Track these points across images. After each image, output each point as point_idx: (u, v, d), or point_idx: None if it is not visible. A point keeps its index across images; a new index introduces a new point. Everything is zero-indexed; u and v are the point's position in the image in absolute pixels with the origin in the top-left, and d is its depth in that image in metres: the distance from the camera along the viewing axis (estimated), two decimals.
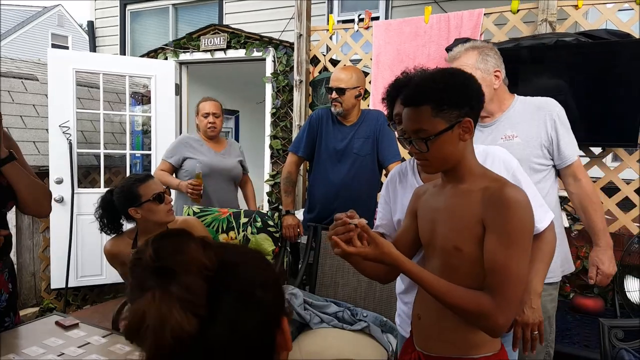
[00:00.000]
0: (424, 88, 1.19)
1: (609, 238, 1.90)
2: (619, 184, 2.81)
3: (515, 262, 1.10)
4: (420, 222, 1.34)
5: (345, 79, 2.62)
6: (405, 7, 4.79)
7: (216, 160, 3.12)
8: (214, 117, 3.14)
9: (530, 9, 2.99)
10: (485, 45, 1.87)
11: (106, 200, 2.14)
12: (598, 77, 2.65)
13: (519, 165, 1.45)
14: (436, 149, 1.18)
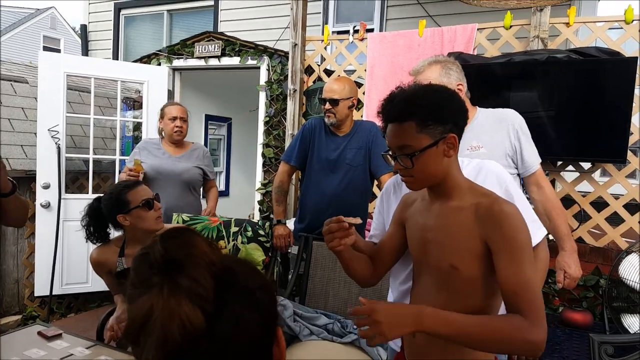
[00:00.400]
0: (409, 104, 1.19)
1: (574, 242, 1.95)
2: (608, 199, 2.84)
3: (533, 276, 1.09)
4: (411, 240, 1.34)
5: (339, 90, 2.63)
6: (399, 20, 4.82)
7: (165, 164, 3.08)
8: (181, 122, 3.12)
9: (523, 25, 3.03)
10: (448, 60, 1.91)
11: (93, 208, 2.11)
12: (588, 93, 2.69)
13: (512, 180, 1.46)
14: (421, 165, 1.17)
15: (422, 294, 1.28)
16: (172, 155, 3.13)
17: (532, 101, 2.77)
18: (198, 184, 3.21)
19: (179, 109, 3.13)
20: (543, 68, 2.73)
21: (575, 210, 2.92)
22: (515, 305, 1.08)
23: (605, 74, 2.64)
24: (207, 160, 3.26)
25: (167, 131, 3.13)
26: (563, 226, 1.93)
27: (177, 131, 3.10)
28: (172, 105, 3.16)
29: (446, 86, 1.26)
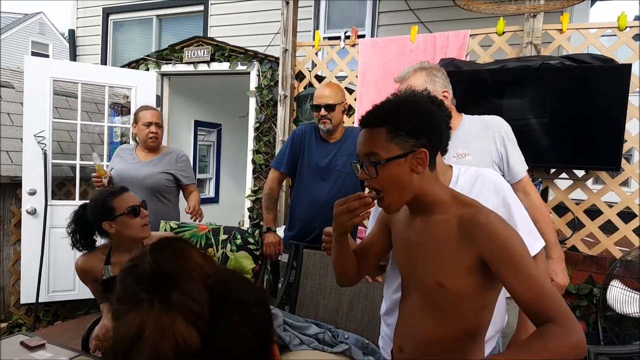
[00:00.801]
0: (383, 110, 1.14)
1: (561, 250, 1.93)
2: (602, 207, 2.82)
3: (542, 276, 1.04)
4: (396, 254, 1.29)
5: (332, 95, 2.60)
6: (391, 27, 4.81)
7: (130, 169, 2.95)
8: (156, 127, 2.98)
9: (516, 32, 3.02)
10: (433, 67, 1.89)
11: (79, 215, 2.06)
12: (581, 100, 2.68)
13: (509, 189, 1.42)
14: (386, 176, 1.11)
15: (409, 310, 1.23)
16: (141, 161, 3.01)
17: (525, 108, 2.76)
18: (165, 190, 3.01)
19: (153, 114, 2.98)
20: (536, 74, 2.72)
21: (569, 218, 2.90)
22: (539, 313, 1.02)
23: (599, 81, 2.63)
24: (181, 165, 3.08)
25: (141, 137, 2.99)
26: (550, 234, 1.89)
27: (151, 137, 2.96)
28: (147, 110, 3.00)
29: (430, 99, 1.21)
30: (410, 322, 1.22)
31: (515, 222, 1.35)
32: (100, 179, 2.77)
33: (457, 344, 1.14)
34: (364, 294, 2.49)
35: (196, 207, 2.96)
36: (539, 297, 1.01)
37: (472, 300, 1.11)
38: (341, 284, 1.41)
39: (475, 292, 1.10)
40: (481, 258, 1.07)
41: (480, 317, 1.14)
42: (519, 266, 1.03)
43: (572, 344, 0.97)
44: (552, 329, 0.98)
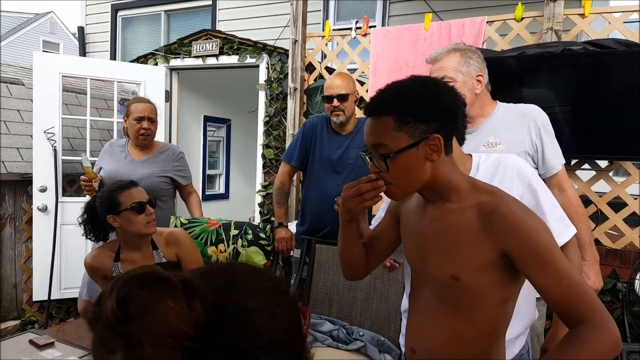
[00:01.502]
0: (388, 97, 1.04)
1: (595, 252, 1.82)
2: (626, 199, 2.72)
3: (572, 270, 0.96)
4: (406, 247, 1.20)
5: (344, 85, 2.53)
6: (402, 17, 4.72)
7: (123, 169, 2.66)
8: (149, 123, 2.69)
9: (535, 17, 2.91)
10: (469, 48, 1.80)
11: (90, 206, 2.05)
12: (605, 87, 2.57)
13: (535, 174, 1.34)
14: (398, 168, 1.02)
15: (421, 308, 1.14)
16: (134, 160, 2.73)
17: (547, 96, 2.65)
18: (162, 193, 2.70)
19: (146, 107, 2.69)
20: (558, 61, 2.61)
21: (592, 210, 2.79)
22: (570, 312, 0.94)
23: (624, 67, 2.51)
24: (178, 164, 2.82)
25: (131, 133, 2.70)
26: (585, 234, 1.79)
27: (143, 134, 2.68)
28: (139, 103, 2.72)
29: (440, 80, 1.11)
30: (422, 321, 1.13)
31: (543, 209, 1.27)
32: (91, 183, 2.55)
33: (474, 344, 1.05)
34: (378, 290, 2.42)
35: None
36: (569, 295, 0.93)
37: (491, 295, 1.02)
38: (347, 277, 1.33)
39: (494, 287, 1.02)
40: (503, 252, 0.98)
41: (499, 314, 1.05)
42: (546, 261, 0.95)
43: (609, 344, 0.90)
44: (585, 332, 0.91)
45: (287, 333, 0.58)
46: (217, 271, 0.62)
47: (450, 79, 1.73)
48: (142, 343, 0.50)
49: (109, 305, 0.52)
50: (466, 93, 1.74)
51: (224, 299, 0.56)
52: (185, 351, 0.51)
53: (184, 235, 2.19)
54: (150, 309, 0.51)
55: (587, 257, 1.80)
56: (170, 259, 2.09)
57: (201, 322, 0.52)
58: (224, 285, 0.58)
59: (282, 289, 0.62)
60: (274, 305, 0.58)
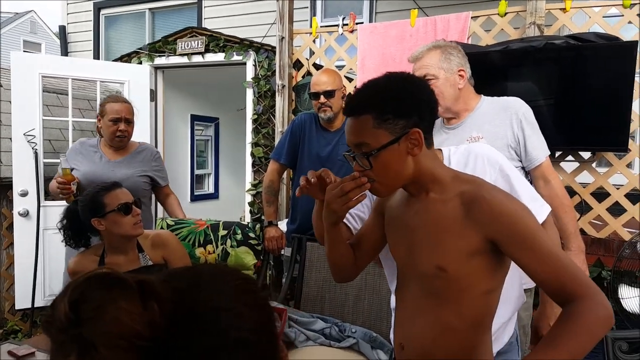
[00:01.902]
0: (365, 96, 1.06)
1: (581, 242, 1.84)
2: (609, 189, 2.76)
3: (557, 250, 0.98)
4: (392, 243, 1.20)
5: (330, 81, 2.53)
6: (389, 13, 4.71)
7: (101, 171, 2.53)
8: (126, 124, 2.55)
9: (518, 12, 2.94)
10: (449, 45, 1.82)
11: (71, 211, 2.00)
12: (587, 80, 2.61)
13: (504, 158, 1.35)
14: (380, 166, 1.03)
15: (408, 302, 1.15)
16: (110, 160, 2.60)
17: (530, 89, 2.68)
18: (143, 194, 2.58)
19: (123, 107, 2.54)
20: (541, 55, 2.64)
21: (576, 201, 2.83)
22: (560, 290, 0.96)
23: (605, 60, 2.55)
24: (156, 164, 2.72)
25: (106, 134, 2.55)
26: (571, 224, 1.81)
27: (120, 136, 2.54)
28: (115, 102, 2.55)
29: (412, 74, 1.12)
30: (409, 316, 1.14)
31: (516, 191, 1.28)
32: (69, 186, 2.39)
33: (461, 336, 1.06)
34: (370, 286, 2.42)
35: None
36: (557, 275, 0.96)
37: (476, 286, 1.03)
38: (337, 279, 1.33)
39: (479, 277, 1.03)
40: (488, 239, 1.00)
41: (485, 304, 1.06)
42: (532, 244, 0.97)
43: (603, 317, 0.93)
44: (578, 308, 0.93)
45: (255, 332, 0.57)
46: (182, 273, 0.62)
47: (433, 76, 1.75)
48: (95, 345, 0.49)
49: (61, 308, 0.51)
50: (449, 89, 1.77)
51: (187, 299, 0.56)
52: (141, 352, 0.50)
53: (170, 237, 2.16)
54: (103, 311, 0.51)
55: (573, 247, 1.83)
56: (157, 262, 2.05)
57: (157, 322, 0.52)
58: (187, 286, 0.58)
59: (251, 289, 0.61)
60: (241, 305, 0.58)
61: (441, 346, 1.07)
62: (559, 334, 0.93)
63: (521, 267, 0.99)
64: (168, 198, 2.78)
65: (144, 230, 2.02)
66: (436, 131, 1.69)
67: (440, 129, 1.88)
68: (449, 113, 1.83)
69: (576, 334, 0.92)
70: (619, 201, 2.74)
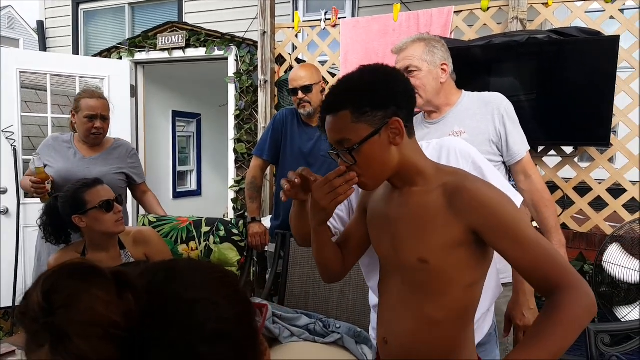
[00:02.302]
0: (340, 91, 1.05)
1: (562, 236, 1.85)
2: (591, 184, 2.79)
3: (539, 238, 0.97)
4: (373, 236, 1.19)
5: (308, 76, 2.50)
6: (372, 8, 4.70)
7: (76, 168, 2.45)
8: (102, 121, 2.47)
9: (501, 7, 2.95)
10: (433, 38, 1.82)
11: (51, 207, 1.98)
12: (569, 75, 2.63)
13: (476, 152, 1.35)
14: (364, 159, 1.02)
15: (390, 295, 1.14)
16: (85, 157, 2.51)
17: (513, 84, 2.69)
18: (119, 192, 2.41)
19: (99, 104, 2.45)
20: (523, 50, 2.65)
21: (559, 196, 2.85)
22: (544, 280, 0.96)
23: (587, 54, 2.58)
24: (132, 161, 2.64)
25: (81, 131, 2.48)
26: (551, 219, 1.82)
27: (95, 133, 2.47)
28: (91, 99, 2.45)
29: (386, 65, 1.10)
30: (392, 310, 1.13)
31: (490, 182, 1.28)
32: (44, 185, 2.31)
33: (444, 329, 1.05)
34: (354, 281, 2.41)
35: None
36: (540, 263, 0.95)
37: (459, 278, 1.02)
38: (326, 279, 1.30)
39: (462, 269, 1.02)
40: (471, 229, 0.99)
41: (468, 297, 1.05)
42: (514, 233, 0.96)
43: (586, 305, 0.92)
44: (562, 297, 0.93)
45: (234, 325, 0.57)
46: (159, 266, 0.61)
47: (416, 68, 1.74)
48: (68, 334, 0.48)
49: (34, 298, 0.50)
50: (431, 82, 1.76)
51: (163, 290, 0.55)
52: (117, 342, 0.49)
53: (152, 234, 2.13)
54: (76, 299, 0.50)
55: (554, 241, 1.82)
56: (139, 259, 2.03)
57: (133, 312, 0.51)
58: (164, 278, 0.58)
59: (229, 281, 0.61)
60: (219, 297, 0.57)
61: (424, 340, 1.06)
62: (545, 327, 0.92)
63: (504, 257, 0.99)
64: (145, 195, 2.72)
65: (125, 227, 1.99)
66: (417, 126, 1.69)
67: (421, 124, 1.87)
68: (430, 106, 1.83)
69: (562, 326, 0.91)
70: (601, 195, 2.77)
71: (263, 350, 0.63)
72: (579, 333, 0.94)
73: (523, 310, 1.47)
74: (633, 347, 1.69)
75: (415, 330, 1.06)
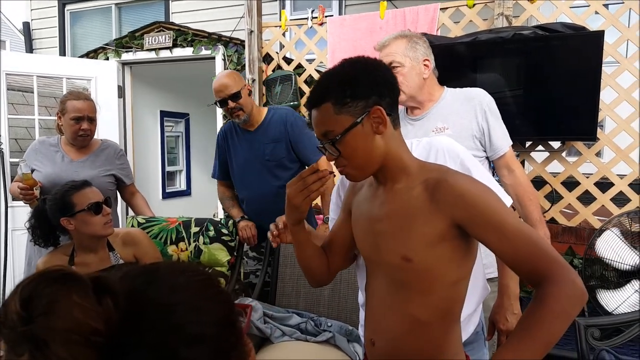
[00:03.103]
0: (322, 85, 1.06)
1: (546, 229, 1.86)
2: (579, 178, 2.81)
3: (524, 227, 0.97)
4: (357, 235, 1.18)
5: (232, 83, 2.39)
6: (359, 6, 4.70)
7: (64, 172, 2.41)
8: (88, 123, 2.43)
9: (486, 3, 2.96)
10: (414, 35, 1.83)
11: (39, 210, 1.95)
12: (555, 70, 2.64)
13: (464, 151, 1.35)
14: (349, 149, 1.03)
15: (376, 295, 1.13)
16: (73, 160, 2.49)
17: (499, 80, 2.70)
18: (108, 194, 2.35)
19: (85, 105, 2.42)
20: (509, 46, 2.66)
21: (547, 190, 2.87)
22: (531, 271, 0.95)
23: (572, 50, 2.59)
24: (120, 163, 2.62)
25: (68, 133, 2.45)
26: (535, 212, 1.83)
27: (82, 135, 2.44)
28: (77, 100, 2.42)
29: (366, 57, 1.10)
30: (377, 311, 1.12)
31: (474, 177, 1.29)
32: (32, 191, 2.29)
33: (429, 329, 1.04)
34: (345, 279, 2.41)
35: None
36: (526, 253, 0.94)
37: (443, 276, 1.02)
38: (313, 284, 1.29)
39: (446, 266, 1.01)
40: (455, 223, 0.98)
41: (453, 296, 1.05)
42: (498, 223, 0.95)
43: (574, 295, 0.91)
44: (549, 288, 0.91)
45: (216, 327, 0.57)
46: (140, 270, 0.61)
47: (398, 64, 1.75)
48: (47, 342, 0.48)
49: (12, 307, 0.49)
50: (414, 77, 1.77)
51: (142, 295, 0.55)
52: (97, 348, 0.49)
53: (141, 235, 2.12)
54: (55, 306, 0.49)
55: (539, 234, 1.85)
56: (128, 260, 2.02)
57: (113, 318, 0.51)
58: (143, 282, 0.57)
59: (211, 283, 0.61)
60: (200, 300, 0.57)
61: (410, 340, 1.05)
62: (532, 322, 0.92)
63: (490, 248, 0.98)
64: (134, 197, 2.69)
65: (114, 230, 1.98)
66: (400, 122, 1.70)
67: (404, 120, 1.87)
68: (413, 102, 1.83)
69: (549, 320, 0.90)
70: (589, 190, 2.78)
71: (247, 351, 0.63)
72: (567, 325, 0.93)
73: (507, 315, 1.47)
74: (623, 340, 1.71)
75: (400, 331, 1.06)
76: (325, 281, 1.29)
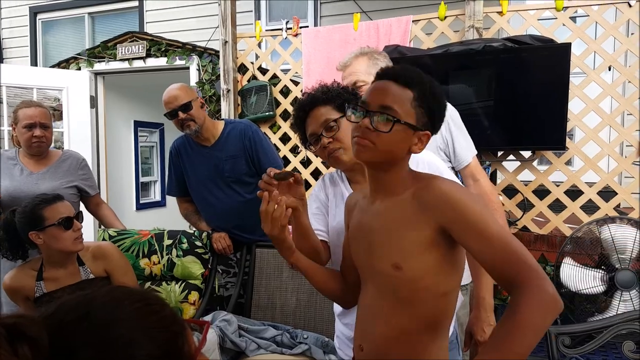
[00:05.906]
0: (418, 74, 1.08)
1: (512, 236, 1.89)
2: (550, 187, 2.86)
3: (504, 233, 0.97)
4: (353, 245, 1.19)
5: (182, 94, 2.34)
6: (334, 17, 4.74)
7: (24, 185, 2.36)
8: (42, 129, 2.36)
9: (457, 16, 3.01)
10: (375, 51, 1.84)
11: (7, 222, 1.89)
12: (525, 81, 2.70)
13: (444, 164, 1.39)
14: (392, 137, 1.03)
15: (366, 303, 1.14)
16: (33, 173, 2.41)
17: (471, 92, 2.75)
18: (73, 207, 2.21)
19: (37, 112, 2.35)
20: (480, 58, 2.72)
21: (519, 199, 2.92)
22: (506, 276, 0.94)
23: (540, 61, 2.66)
24: (83, 173, 2.54)
25: (22, 142, 2.38)
26: (500, 220, 1.86)
27: (36, 142, 2.36)
28: (29, 108, 2.37)
29: None
30: (368, 317, 1.13)
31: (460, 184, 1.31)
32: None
33: (416, 339, 1.05)
34: None
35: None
36: (500, 257, 0.94)
37: (432, 285, 1.03)
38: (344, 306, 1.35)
39: (434, 275, 1.02)
40: (441, 227, 1.00)
41: (441, 307, 1.05)
42: (479, 226, 0.96)
43: (546, 302, 0.89)
44: (521, 296, 0.90)
45: (158, 357, 0.55)
46: (73, 303, 0.58)
47: (363, 82, 1.74)
48: None
49: None
50: None
51: (75, 333, 0.52)
52: None
53: (112, 249, 2.07)
54: None
55: None
56: (99, 275, 1.97)
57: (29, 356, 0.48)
58: (75, 319, 0.55)
59: (152, 310, 0.58)
60: (139, 331, 0.55)
61: (395, 348, 1.05)
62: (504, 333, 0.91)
63: (471, 252, 0.98)
64: (100, 208, 2.62)
65: (84, 245, 1.93)
66: None
67: None
68: None
69: (520, 331, 0.89)
70: (559, 198, 2.85)
71: None
72: (540, 336, 0.91)
73: (483, 327, 1.48)
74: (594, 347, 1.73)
75: (387, 339, 1.06)
76: (352, 300, 1.27)
